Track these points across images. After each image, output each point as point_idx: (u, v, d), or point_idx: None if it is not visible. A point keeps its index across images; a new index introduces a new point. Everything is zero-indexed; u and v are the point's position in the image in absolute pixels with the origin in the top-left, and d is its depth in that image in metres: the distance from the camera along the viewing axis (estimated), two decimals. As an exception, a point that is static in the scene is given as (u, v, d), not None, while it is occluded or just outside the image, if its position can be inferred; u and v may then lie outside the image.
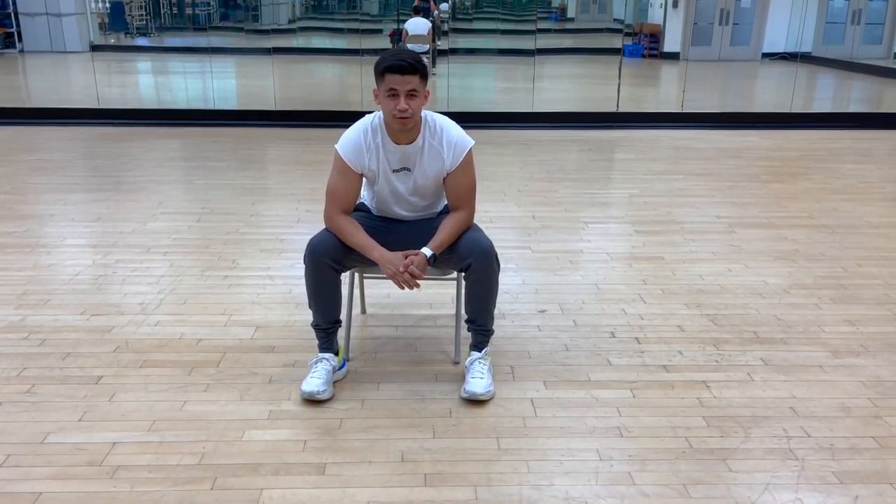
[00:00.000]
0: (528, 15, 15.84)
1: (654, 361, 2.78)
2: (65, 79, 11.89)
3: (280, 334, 2.96)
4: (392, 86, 2.35)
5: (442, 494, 2.03)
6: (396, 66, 2.34)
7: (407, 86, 2.34)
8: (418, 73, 2.36)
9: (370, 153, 2.50)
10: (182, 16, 16.79)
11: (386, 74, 2.35)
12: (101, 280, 3.51)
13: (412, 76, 2.35)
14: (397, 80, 2.34)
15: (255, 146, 6.76)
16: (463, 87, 9.95)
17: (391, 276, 2.44)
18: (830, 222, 4.50)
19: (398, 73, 2.34)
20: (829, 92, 11.54)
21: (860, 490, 2.06)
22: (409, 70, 2.34)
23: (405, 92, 2.34)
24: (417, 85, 2.36)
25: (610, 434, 2.32)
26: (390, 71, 2.34)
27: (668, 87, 12.00)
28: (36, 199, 4.88)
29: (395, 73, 2.34)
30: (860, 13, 14.61)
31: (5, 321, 3.05)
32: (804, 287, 3.50)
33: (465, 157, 2.52)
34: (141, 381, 2.59)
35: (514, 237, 4.20)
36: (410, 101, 2.35)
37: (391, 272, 2.43)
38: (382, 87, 2.38)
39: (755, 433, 2.32)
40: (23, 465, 2.13)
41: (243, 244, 4.03)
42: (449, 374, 2.68)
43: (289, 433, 2.30)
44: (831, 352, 2.87)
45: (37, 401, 2.46)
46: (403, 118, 2.37)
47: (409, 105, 2.35)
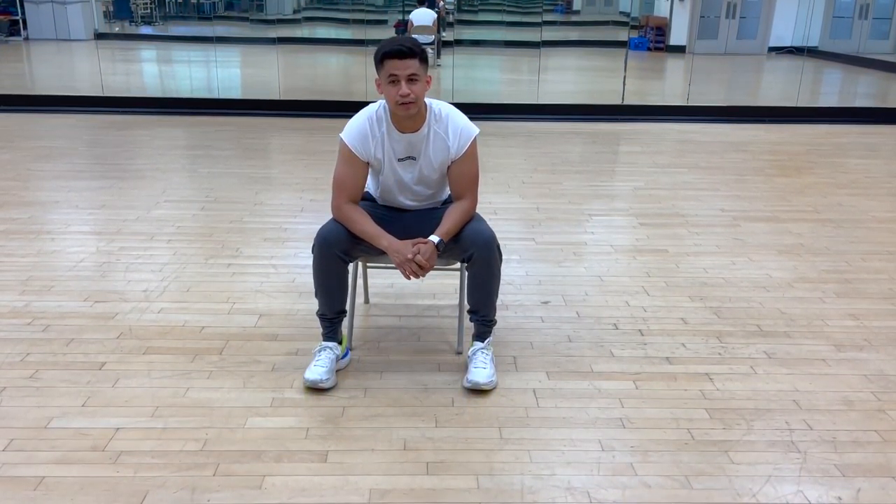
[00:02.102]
0: (534, 7, 15.78)
1: (657, 353, 2.77)
2: (69, 67, 11.88)
3: (283, 323, 2.97)
4: (392, 71, 2.34)
5: (444, 483, 2.03)
6: (395, 51, 2.33)
7: (407, 70, 2.33)
8: (417, 56, 2.35)
9: (375, 142, 2.49)
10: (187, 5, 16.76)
11: (385, 61, 2.35)
12: (105, 267, 3.51)
13: (411, 60, 2.34)
14: (397, 66, 2.33)
15: (259, 135, 6.75)
16: (468, 78, 9.93)
17: (399, 264, 2.43)
18: (835, 216, 4.49)
19: (397, 58, 2.33)
20: (836, 86, 11.48)
21: (862, 483, 2.06)
22: (408, 54, 2.33)
23: (406, 76, 2.33)
24: (417, 69, 2.35)
25: (612, 425, 2.32)
26: (389, 57, 2.34)
27: (673, 80, 11.95)
28: (40, 186, 4.89)
29: (394, 59, 2.33)
30: (868, 8, 14.52)
31: (9, 307, 3.06)
32: (808, 281, 3.49)
33: (470, 146, 2.52)
34: (144, 368, 2.60)
35: (517, 228, 4.20)
36: (412, 86, 2.34)
37: (399, 261, 2.42)
38: (383, 74, 2.37)
39: (757, 425, 2.32)
40: (26, 449, 2.14)
41: (247, 233, 4.03)
42: (451, 363, 2.68)
43: (291, 421, 2.31)
44: (835, 345, 2.86)
45: (40, 386, 2.47)
46: (406, 103, 2.36)
47: (411, 90, 2.34)
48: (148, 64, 12.89)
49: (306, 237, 3.98)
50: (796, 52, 13.62)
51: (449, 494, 1.99)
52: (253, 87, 9.56)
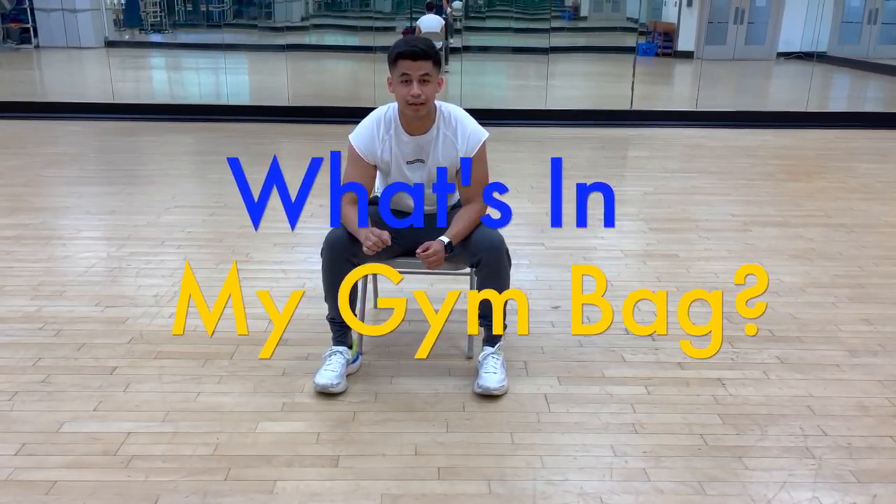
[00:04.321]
0: (542, 13, 15.80)
1: (669, 358, 2.76)
2: (80, 74, 11.96)
3: (293, 327, 2.96)
4: (405, 71, 2.34)
5: (455, 488, 2.02)
6: (408, 51, 2.34)
7: (419, 71, 2.33)
8: (430, 58, 2.35)
9: (383, 144, 2.50)
10: (196, 12, 16.86)
11: (398, 60, 2.35)
12: (116, 272, 3.52)
13: (424, 61, 2.34)
14: (409, 66, 2.33)
15: (268, 141, 6.78)
16: (476, 84, 9.93)
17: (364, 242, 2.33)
18: (847, 221, 4.46)
19: (410, 59, 2.33)
20: (845, 91, 11.44)
21: (878, 489, 2.03)
22: (422, 55, 2.33)
23: (418, 77, 2.34)
24: (430, 70, 2.35)
25: (624, 430, 2.30)
26: (402, 57, 2.34)
27: (681, 85, 11.94)
28: (51, 191, 4.91)
29: (407, 59, 2.33)
30: (877, 13, 14.48)
31: (21, 311, 3.07)
32: (820, 286, 3.47)
33: (480, 149, 2.51)
34: (155, 372, 2.60)
35: (527, 234, 4.19)
36: (423, 87, 2.34)
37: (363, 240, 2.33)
38: (395, 73, 2.37)
39: (771, 431, 2.30)
40: (38, 453, 2.14)
41: (256, 238, 4.03)
42: (462, 368, 2.67)
43: (302, 425, 2.30)
44: (848, 351, 2.84)
45: (52, 390, 2.47)
46: (416, 104, 2.36)
47: (423, 91, 2.34)
48: (157, 71, 12.97)
49: (315, 242, 3.96)
50: (805, 57, 13.58)
51: (460, 500, 1.98)
52: (262, 94, 9.60)
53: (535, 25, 15.61)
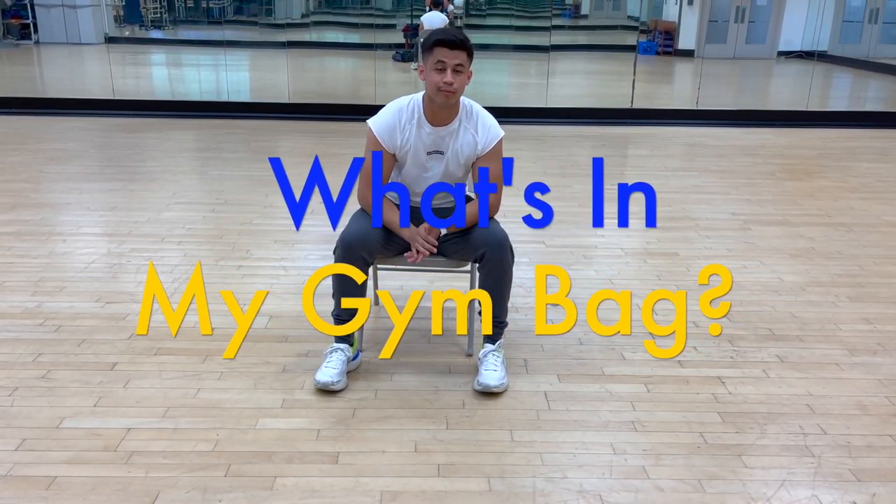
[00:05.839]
0: (543, 11, 15.78)
1: (669, 356, 2.76)
2: (80, 70, 11.95)
3: (293, 324, 2.97)
4: (441, 58, 2.40)
5: (455, 485, 2.03)
6: (447, 40, 2.41)
7: (455, 60, 2.40)
8: (466, 49, 2.43)
9: (404, 133, 2.53)
10: (197, 9, 16.84)
11: (435, 48, 2.41)
12: (116, 268, 3.52)
13: (461, 52, 2.41)
14: (446, 54, 2.40)
15: (268, 138, 6.77)
16: (476, 82, 9.92)
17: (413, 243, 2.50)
18: (847, 220, 4.46)
19: (447, 48, 2.40)
20: (846, 91, 11.44)
21: (878, 488, 2.04)
22: (459, 45, 2.41)
23: (452, 66, 2.40)
24: (464, 61, 2.43)
25: (624, 428, 2.30)
26: (440, 45, 2.41)
27: (682, 84, 11.93)
28: (51, 187, 4.91)
29: (444, 47, 2.40)
30: (878, 12, 14.46)
31: (21, 307, 3.07)
32: (820, 285, 3.47)
33: (496, 145, 2.58)
34: (155, 369, 2.60)
35: (528, 231, 4.18)
36: (456, 77, 2.41)
37: (413, 239, 2.51)
38: (430, 60, 2.43)
39: (771, 429, 2.30)
40: (38, 449, 2.14)
41: (257, 235, 4.04)
42: (462, 365, 2.67)
43: (302, 422, 2.31)
44: (848, 350, 2.84)
45: (52, 386, 2.47)
46: (448, 91, 2.41)
47: (455, 80, 2.40)
48: (158, 67, 12.95)
49: (316, 239, 3.98)
50: (806, 56, 13.57)
51: (460, 497, 1.98)
52: (262, 91, 9.59)
53: (535, 23, 15.60)
